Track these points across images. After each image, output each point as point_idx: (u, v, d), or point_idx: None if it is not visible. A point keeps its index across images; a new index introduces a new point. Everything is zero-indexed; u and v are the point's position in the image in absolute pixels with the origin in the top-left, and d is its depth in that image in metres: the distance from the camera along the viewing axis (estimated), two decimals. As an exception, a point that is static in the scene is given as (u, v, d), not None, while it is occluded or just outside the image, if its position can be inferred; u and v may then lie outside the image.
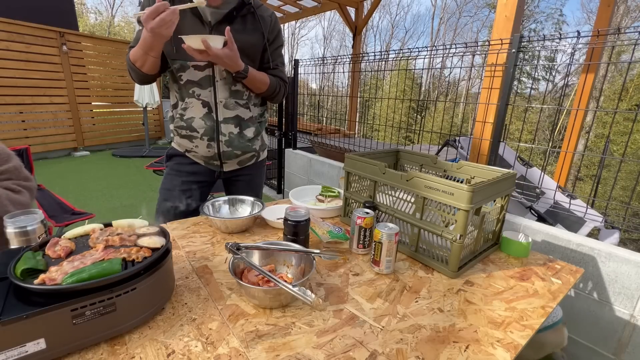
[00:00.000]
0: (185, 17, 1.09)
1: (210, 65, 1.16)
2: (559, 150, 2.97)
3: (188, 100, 1.20)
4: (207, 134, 1.21)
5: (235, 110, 1.23)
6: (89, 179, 4.33)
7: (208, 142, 1.22)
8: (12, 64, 4.84)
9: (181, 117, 1.21)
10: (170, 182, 1.30)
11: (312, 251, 0.80)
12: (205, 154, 1.26)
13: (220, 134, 1.22)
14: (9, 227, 0.78)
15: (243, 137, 1.27)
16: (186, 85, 1.18)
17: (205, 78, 1.17)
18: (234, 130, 1.25)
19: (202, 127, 1.20)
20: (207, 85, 1.18)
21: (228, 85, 1.20)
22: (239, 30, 1.16)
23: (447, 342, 0.65)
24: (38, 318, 0.51)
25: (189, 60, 1.14)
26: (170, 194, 1.29)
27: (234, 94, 1.22)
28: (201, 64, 1.16)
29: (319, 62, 3.19)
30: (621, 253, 1.35)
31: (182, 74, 1.17)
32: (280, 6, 6.80)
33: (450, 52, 2.11)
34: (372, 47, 23.69)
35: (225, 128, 1.23)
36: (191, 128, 1.21)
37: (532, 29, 16.57)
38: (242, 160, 1.33)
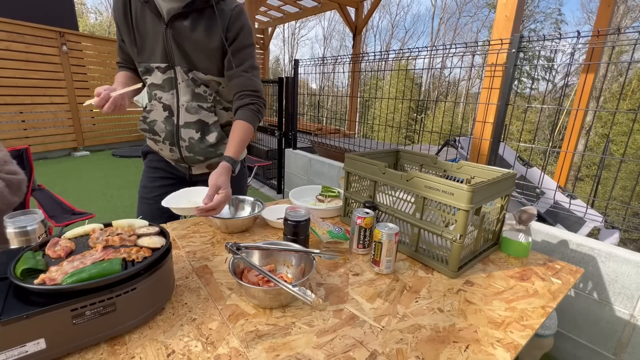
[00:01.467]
0: (145, 14, 1.02)
1: (171, 67, 1.08)
2: (559, 150, 2.97)
3: (152, 102, 1.14)
4: (167, 139, 1.14)
5: (198, 115, 1.13)
6: (89, 179, 4.33)
7: (170, 146, 1.16)
8: (12, 64, 4.83)
9: (144, 120, 1.15)
10: (143, 178, 1.28)
11: (312, 251, 0.80)
12: (169, 157, 1.21)
13: (180, 139, 1.14)
14: (9, 227, 0.78)
15: (204, 143, 1.15)
16: (150, 88, 1.13)
17: (167, 80, 1.09)
18: (195, 136, 1.14)
19: (163, 132, 1.14)
20: (169, 88, 1.10)
21: (190, 87, 1.11)
22: (191, 29, 1.03)
23: (447, 342, 0.65)
24: (38, 318, 0.51)
25: (152, 61, 1.07)
26: (144, 191, 1.27)
27: (197, 97, 1.12)
28: (162, 65, 1.07)
29: (319, 62, 3.19)
30: (621, 253, 1.35)
31: (147, 77, 1.11)
32: (280, 6, 6.81)
33: (450, 52, 2.11)
34: (372, 47, 23.70)
35: (185, 133, 1.13)
36: (153, 132, 1.15)
37: (532, 29, 16.57)
38: (210, 164, 1.24)
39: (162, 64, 1.07)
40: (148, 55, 1.06)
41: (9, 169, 1.13)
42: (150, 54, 1.06)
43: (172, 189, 1.18)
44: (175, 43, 1.04)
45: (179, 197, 1.00)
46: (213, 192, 0.93)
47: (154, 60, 1.07)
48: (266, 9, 7.09)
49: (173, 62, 1.07)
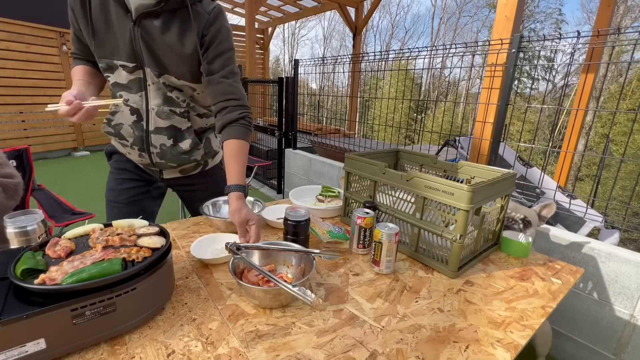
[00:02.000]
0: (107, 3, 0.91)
1: (140, 67, 0.97)
2: (559, 150, 2.97)
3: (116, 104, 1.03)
4: (136, 144, 1.06)
5: (170, 120, 1.04)
6: (89, 179, 4.33)
7: (139, 152, 1.07)
8: (12, 64, 4.84)
9: (108, 123, 1.05)
10: (110, 181, 1.18)
11: (312, 251, 0.80)
12: (139, 161, 1.14)
13: (150, 145, 1.06)
14: (9, 227, 0.78)
15: (177, 149, 1.08)
16: (114, 88, 1.01)
17: (135, 81, 0.98)
18: (167, 142, 1.06)
19: (131, 136, 1.04)
20: (137, 90, 1.00)
21: (162, 91, 1.01)
22: (162, 30, 0.93)
23: (447, 342, 0.65)
24: (38, 318, 0.51)
25: (115, 58, 0.95)
26: (111, 194, 1.18)
27: (169, 102, 1.03)
28: (129, 65, 0.96)
29: (319, 62, 3.19)
30: (621, 253, 1.35)
31: (109, 75, 0.99)
32: (280, 6, 6.81)
33: (450, 52, 2.11)
34: (372, 47, 23.69)
35: (155, 139, 1.05)
36: (120, 135, 1.05)
37: (532, 28, 16.57)
38: (183, 169, 1.17)
39: (130, 63, 0.96)
40: (110, 50, 0.94)
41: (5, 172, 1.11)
42: (113, 49, 0.94)
43: (142, 191, 1.18)
44: (144, 44, 0.93)
45: (205, 245, 0.94)
46: (244, 228, 0.91)
47: (118, 58, 0.95)
48: (266, 9, 7.09)
49: (142, 62, 0.96)
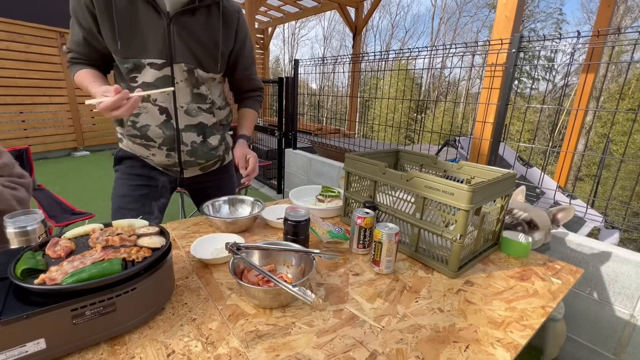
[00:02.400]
0: (135, 5, 0.93)
1: (169, 64, 0.99)
2: (559, 150, 2.97)
3: (142, 104, 1.01)
4: (166, 144, 1.06)
5: (198, 117, 1.08)
6: (89, 179, 4.33)
7: (167, 152, 1.08)
8: (12, 64, 4.84)
9: (133, 125, 1.03)
10: (122, 187, 1.14)
11: (312, 251, 0.80)
12: (162, 162, 1.12)
13: (181, 144, 1.08)
14: (9, 227, 0.78)
15: (207, 146, 1.13)
16: (140, 88, 0.99)
17: (163, 79, 0.99)
18: (197, 139, 1.10)
19: (160, 137, 1.04)
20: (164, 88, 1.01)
21: (190, 87, 1.04)
22: (201, 25, 1.01)
23: (447, 342, 0.65)
24: (38, 318, 0.51)
25: (143, 57, 0.96)
26: (123, 200, 1.13)
27: (197, 98, 1.06)
28: (158, 62, 0.97)
29: (319, 62, 3.19)
30: (621, 253, 1.35)
31: (136, 75, 0.99)
32: (280, 6, 6.81)
33: (450, 52, 2.11)
34: (372, 47, 23.69)
35: (186, 137, 1.08)
36: (146, 137, 1.04)
37: (532, 28, 16.57)
38: (204, 166, 1.21)
39: (158, 60, 0.97)
40: (137, 50, 0.95)
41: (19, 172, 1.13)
42: (141, 48, 0.96)
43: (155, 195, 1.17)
44: (180, 39, 0.98)
45: (205, 245, 0.94)
46: (244, 161, 1.12)
47: (147, 56, 0.96)
48: (266, 9, 7.09)
49: (173, 58, 0.98)
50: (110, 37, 0.94)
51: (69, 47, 1.01)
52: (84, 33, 0.96)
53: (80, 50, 1.00)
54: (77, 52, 1.01)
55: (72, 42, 1.00)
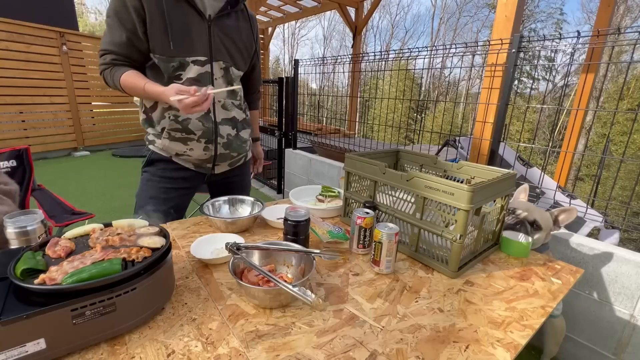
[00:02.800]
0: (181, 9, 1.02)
1: (209, 61, 1.09)
2: (559, 150, 2.97)
3: None
4: (205, 136, 1.14)
5: (232, 112, 1.19)
6: (89, 179, 4.33)
7: (205, 144, 1.15)
8: (12, 64, 4.83)
9: (175, 119, 1.09)
10: (151, 189, 1.19)
11: (312, 251, 0.80)
12: (199, 157, 1.18)
13: (218, 136, 1.17)
14: (9, 227, 0.78)
15: (240, 139, 1.24)
16: (185, 83, 1.06)
17: (204, 75, 1.09)
18: (232, 132, 1.20)
19: (200, 129, 1.12)
20: (206, 83, 1.09)
21: (225, 84, 1.14)
22: (234, 28, 1.13)
23: (447, 342, 0.65)
24: (38, 318, 0.51)
25: (189, 55, 1.05)
26: (151, 201, 1.18)
27: (231, 94, 1.18)
28: (202, 59, 1.07)
29: (319, 62, 3.19)
30: (621, 253, 1.35)
31: (181, 73, 1.06)
32: (280, 6, 6.80)
33: (450, 52, 2.11)
34: (372, 47, 23.69)
35: (223, 130, 1.17)
36: (187, 130, 1.11)
37: (532, 28, 16.57)
38: (233, 161, 1.29)
39: (202, 57, 1.07)
40: (184, 49, 1.04)
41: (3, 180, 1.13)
42: (187, 48, 1.04)
43: (187, 198, 1.28)
44: (219, 40, 1.09)
45: (205, 245, 0.94)
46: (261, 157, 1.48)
47: (193, 54, 1.05)
48: (266, 9, 7.09)
49: (212, 57, 1.09)
50: (161, 37, 1.00)
51: (107, 49, 1.03)
52: (127, 34, 1.00)
53: (121, 52, 1.03)
54: (117, 54, 1.03)
55: (111, 43, 1.01)
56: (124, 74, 1.03)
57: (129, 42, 1.01)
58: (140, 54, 1.04)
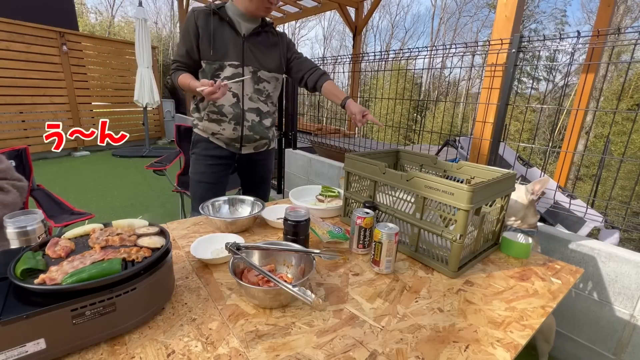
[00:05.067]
0: (223, 28, 1.36)
1: (241, 66, 1.39)
2: (559, 150, 2.97)
3: None
4: (234, 119, 1.43)
5: (257, 104, 1.48)
6: (89, 179, 4.33)
7: (234, 125, 1.44)
8: (12, 64, 4.83)
9: (214, 104, 1.41)
10: (200, 165, 1.52)
11: (312, 251, 0.80)
12: (230, 135, 1.46)
13: (245, 120, 1.45)
14: (9, 227, 0.78)
15: (262, 125, 1.51)
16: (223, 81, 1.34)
17: (237, 75, 1.39)
18: (256, 119, 1.48)
19: (231, 113, 1.42)
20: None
21: (253, 83, 1.44)
22: (263, 42, 1.44)
23: (447, 342, 0.65)
24: (38, 318, 0.51)
25: (225, 60, 1.37)
26: (202, 176, 1.52)
27: (257, 91, 1.46)
28: (236, 63, 1.38)
29: (319, 62, 3.19)
30: (621, 253, 1.35)
31: (220, 73, 1.39)
32: (280, 6, 6.80)
33: (450, 52, 2.11)
34: (372, 47, 23.68)
35: (249, 115, 1.46)
36: (221, 113, 1.42)
37: (532, 29, 16.57)
38: (257, 145, 1.56)
39: (236, 62, 1.39)
40: (222, 55, 1.37)
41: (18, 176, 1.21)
42: (224, 55, 1.37)
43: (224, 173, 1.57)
44: (250, 51, 1.41)
45: (205, 245, 0.95)
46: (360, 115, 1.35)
47: (229, 59, 1.38)
48: (266, 9, 7.07)
49: (244, 62, 1.40)
50: (207, 48, 1.36)
51: (175, 59, 1.44)
52: (187, 48, 1.38)
53: (184, 61, 1.41)
54: (180, 62, 1.42)
55: (177, 55, 1.42)
56: (180, 75, 1.39)
57: (187, 54, 1.39)
58: (194, 62, 1.41)
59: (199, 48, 1.37)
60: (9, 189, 1.13)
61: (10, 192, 1.13)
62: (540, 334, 1.43)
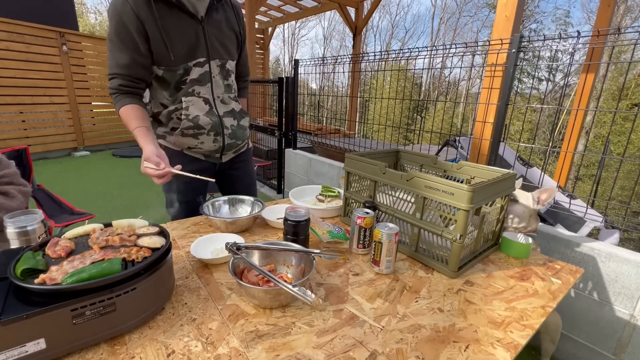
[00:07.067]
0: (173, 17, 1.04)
1: (208, 61, 1.15)
2: (559, 150, 2.97)
3: (187, 99, 1.14)
4: (213, 129, 1.21)
5: (230, 104, 1.27)
6: (89, 179, 4.33)
7: (214, 137, 1.22)
8: (12, 64, 4.83)
9: (187, 117, 1.16)
10: (174, 183, 1.25)
11: (312, 251, 0.80)
12: (209, 148, 1.25)
13: (224, 127, 1.24)
14: (9, 227, 0.78)
15: (241, 128, 1.31)
16: (189, 85, 1.14)
17: (204, 74, 1.15)
18: (234, 122, 1.28)
19: (209, 124, 1.19)
20: (205, 82, 1.17)
21: (222, 80, 1.20)
22: (223, 20, 1.16)
23: (447, 342, 0.65)
24: (38, 318, 0.51)
25: (190, 60, 1.11)
26: (180, 196, 1.28)
27: (227, 89, 1.24)
28: (202, 60, 1.13)
29: (319, 62, 3.19)
30: (621, 253, 1.35)
31: (186, 77, 1.13)
32: (280, 6, 6.80)
33: (450, 52, 2.11)
34: (372, 47, 23.68)
35: (226, 121, 1.25)
36: (198, 126, 1.18)
37: (532, 29, 16.57)
38: (237, 148, 1.36)
39: (201, 58, 1.12)
40: (185, 55, 1.09)
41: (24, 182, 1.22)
42: (188, 53, 1.09)
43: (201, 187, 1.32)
44: (213, 36, 1.13)
45: (205, 245, 0.94)
46: None
47: (193, 58, 1.11)
48: (266, 9, 7.08)
49: (210, 56, 1.14)
50: (163, 51, 1.05)
51: (113, 72, 1.07)
52: (131, 53, 1.04)
53: (127, 72, 1.06)
54: (124, 76, 1.07)
55: (117, 66, 1.05)
56: (124, 106, 1.07)
57: (133, 62, 1.05)
58: (145, 71, 1.09)
59: (150, 51, 1.05)
60: (15, 194, 1.14)
61: (15, 198, 1.13)
62: (547, 334, 1.43)
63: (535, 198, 1.19)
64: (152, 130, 1.09)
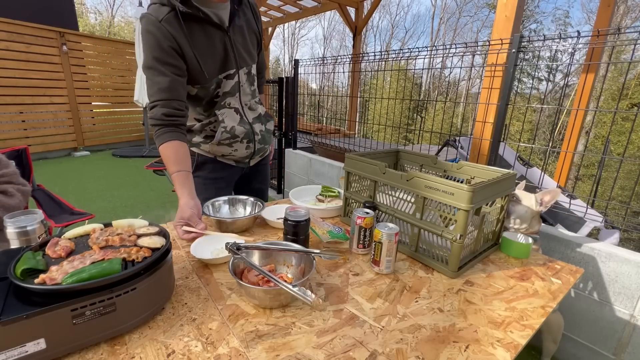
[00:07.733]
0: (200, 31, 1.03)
1: (237, 71, 1.15)
2: (559, 150, 2.97)
3: (221, 111, 1.17)
4: (246, 137, 1.25)
5: (257, 110, 1.29)
6: (89, 179, 4.33)
7: (247, 144, 1.26)
8: (12, 64, 4.84)
9: (225, 129, 1.18)
10: (207, 191, 1.26)
11: (312, 251, 0.80)
12: (242, 155, 1.29)
13: (254, 134, 1.27)
14: (9, 227, 0.78)
15: (269, 132, 1.35)
16: (222, 98, 1.16)
17: (234, 85, 1.17)
18: (262, 127, 1.31)
19: (243, 132, 1.22)
20: (234, 92, 1.19)
21: (248, 87, 1.23)
22: (245, 26, 1.15)
23: (447, 342, 0.65)
24: (38, 318, 0.51)
25: (220, 72, 1.11)
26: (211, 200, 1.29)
27: (252, 94, 1.26)
28: (231, 72, 1.13)
29: (319, 62, 3.19)
30: (621, 253, 1.35)
31: (219, 90, 1.14)
32: (280, 6, 6.80)
33: (450, 52, 2.11)
34: (372, 47, 23.69)
35: (256, 127, 1.28)
36: (234, 136, 1.21)
37: (532, 29, 16.58)
38: (264, 152, 1.39)
39: (231, 70, 1.13)
40: (217, 70, 1.09)
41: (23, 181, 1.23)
42: (218, 66, 1.09)
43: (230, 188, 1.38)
44: (238, 44, 1.12)
45: (205, 245, 0.94)
46: None
47: (223, 70, 1.11)
48: (266, 9, 7.08)
49: (238, 65, 1.14)
50: (197, 70, 1.04)
51: (155, 100, 1.00)
52: (172, 75, 1.00)
53: (170, 97, 1.01)
54: (166, 102, 1.01)
55: (158, 92, 0.99)
56: (166, 143, 1.02)
57: (175, 83, 1.01)
58: (185, 91, 1.06)
59: (187, 71, 1.04)
60: (14, 192, 1.15)
61: (14, 196, 1.14)
62: (549, 333, 1.43)
63: (538, 200, 1.19)
64: (191, 176, 1.05)
